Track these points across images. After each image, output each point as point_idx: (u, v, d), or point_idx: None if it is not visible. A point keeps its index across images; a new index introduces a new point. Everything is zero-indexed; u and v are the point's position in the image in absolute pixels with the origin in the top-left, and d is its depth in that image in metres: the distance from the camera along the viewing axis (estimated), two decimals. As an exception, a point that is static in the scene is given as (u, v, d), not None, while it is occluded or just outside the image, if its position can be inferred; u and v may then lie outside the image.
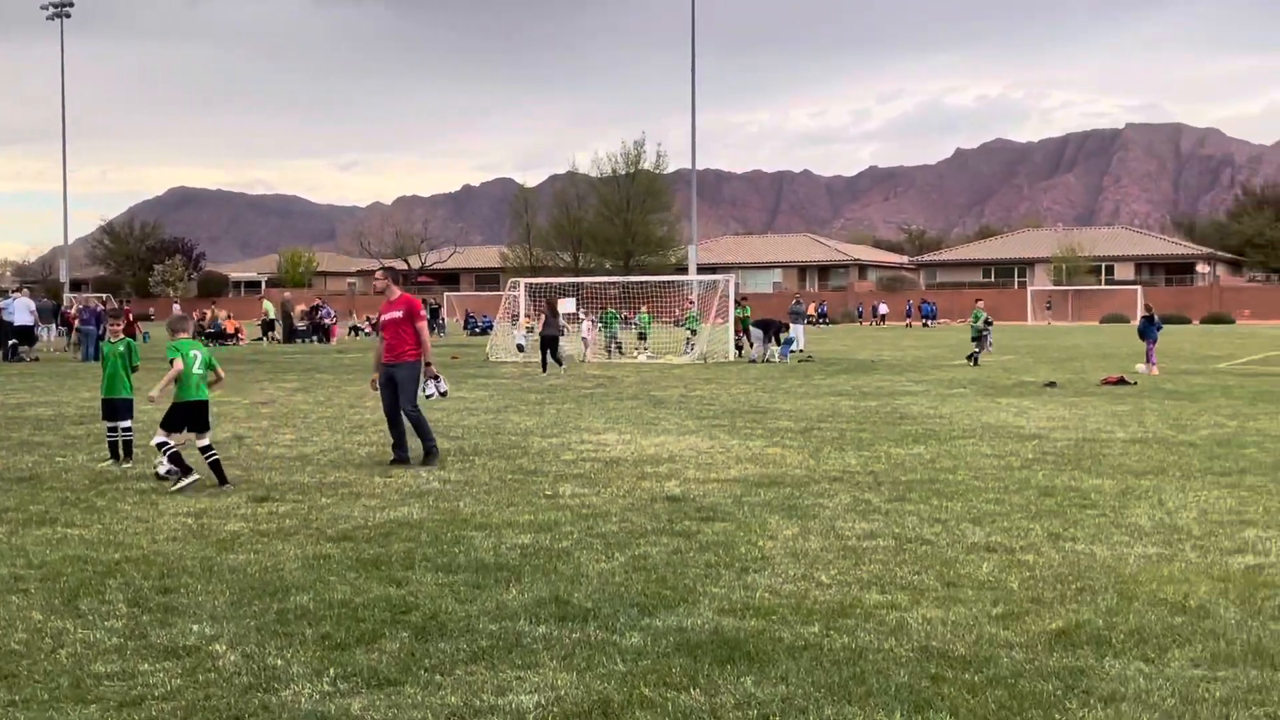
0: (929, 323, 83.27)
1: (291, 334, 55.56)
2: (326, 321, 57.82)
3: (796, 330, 41.12)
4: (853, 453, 14.77)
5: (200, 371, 12.35)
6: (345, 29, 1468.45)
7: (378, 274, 15.09)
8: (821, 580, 8.13)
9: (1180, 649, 6.57)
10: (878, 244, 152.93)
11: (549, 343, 32.19)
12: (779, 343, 36.60)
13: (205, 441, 12.35)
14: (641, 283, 54.31)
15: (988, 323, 34.28)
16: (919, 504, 11.02)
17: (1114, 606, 7.42)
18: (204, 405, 12.42)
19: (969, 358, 33.87)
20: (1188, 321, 79.60)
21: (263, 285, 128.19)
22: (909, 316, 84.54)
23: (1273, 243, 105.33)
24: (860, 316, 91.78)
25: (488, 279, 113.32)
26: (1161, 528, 9.87)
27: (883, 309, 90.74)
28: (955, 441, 15.88)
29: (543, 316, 33.88)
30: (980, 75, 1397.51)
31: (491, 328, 54.69)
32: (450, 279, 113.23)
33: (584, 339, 40.96)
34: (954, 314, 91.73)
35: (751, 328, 37.93)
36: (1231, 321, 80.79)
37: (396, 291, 14.29)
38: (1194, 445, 15.37)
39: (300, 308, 60.87)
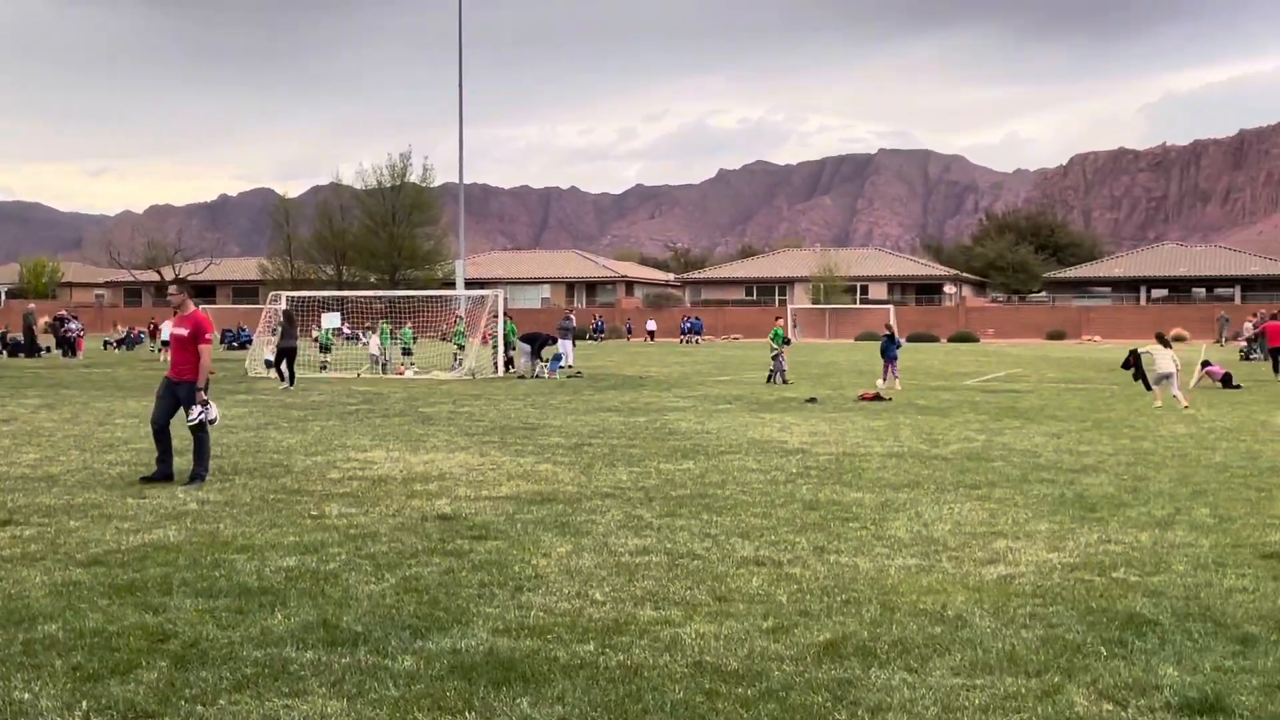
0: (697, 339, 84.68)
1: (34, 348, 52.92)
2: (72, 334, 55.24)
3: (565, 346, 41.23)
4: (624, 469, 14.85)
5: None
6: (98, 29, 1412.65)
7: (172, 289, 14.51)
8: (595, 598, 8.12)
9: (941, 658, 6.79)
10: (644, 261, 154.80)
11: (286, 355, 31.73)
12: (544, 358, 36.66)
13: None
14: (408, 297, 53.66)
15: (786, 341, 34.65)
16: (690, 519, 11.14)
17: (877, 618, 7.63)
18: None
19: (770, 377, 33.65)
20: (936, 340, 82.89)
21: (2, 296, 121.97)
22: (693, 334, 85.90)
23: (1013, 265, 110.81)
24: (630, 333, 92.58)
25: (246, 291, 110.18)
26: (919, 539, 10.21)
27: (651, 325, 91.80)
28: (723, 457, 16.14)
29: (279, 328, 33.32)
30: (743, 98, 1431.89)
31: (250, 341, 53.17)
32: (206, 291, 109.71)
33: (372, 355, 40.27)
34: (718, 330, 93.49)
35: (519, 343, 37.88)
36: (976, 340, 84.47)
37: (190, 308, 13.84)
38: (946, 459, 15.97)
39: (44, 320, 58.04)
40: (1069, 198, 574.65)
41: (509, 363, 38.67)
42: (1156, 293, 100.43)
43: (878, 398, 27.06)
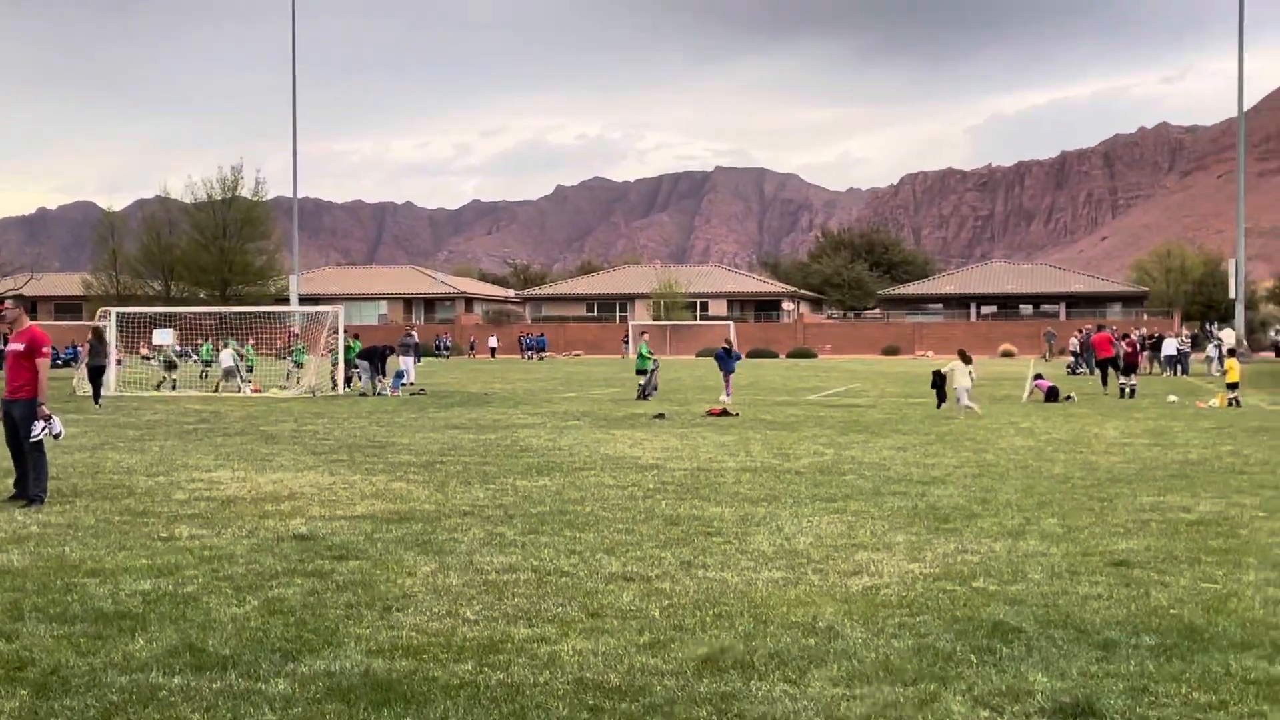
0: (540, 356, 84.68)
1: None
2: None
3: (407, 363, 40.80)
4: (479, 486, 14.72)
5: None
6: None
7: (8, 304, 13.92)
8: (467, 616, 8.01)
9: (818, 669, 6.85)
10: (483, 277, 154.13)
11: (95, 373, 31.01)
12: (385, 374, 36.23)
13: None
14: (242, 313, 52.48)
15: (650, 358, 34.54)
16: (553, 536, 11.08)
17: (751, 631, 7.67)
18: None
19: (642, 393, 33.77)
20: (775, 355, 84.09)
21: None
22: (536, 350, 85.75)
23: (849, 283, 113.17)
24: (474, 349, 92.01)
25: (69, 308, 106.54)
26: (783, 553, 10.31)
27: (493, 341, 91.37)
28: (578, 473, 16.11)
29: (88, 345, 32.52)
30: (580, 115, 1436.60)
31: (76, 358, 51.43)
32: (26, 309, 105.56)
33: (225, 370, 39.10)
34: (559, 347, 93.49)
35: (359, 361, 37.34)
36: (814, 356, 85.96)
37: (26, 322, 13.31)
38: (799, 473, 16.18)
39: None
40: (899, 216, 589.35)
41: (349, 380, 38.09)
42: (986, 309, 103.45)
43: (725, 413, 27.31)
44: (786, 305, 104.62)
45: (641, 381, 33.61)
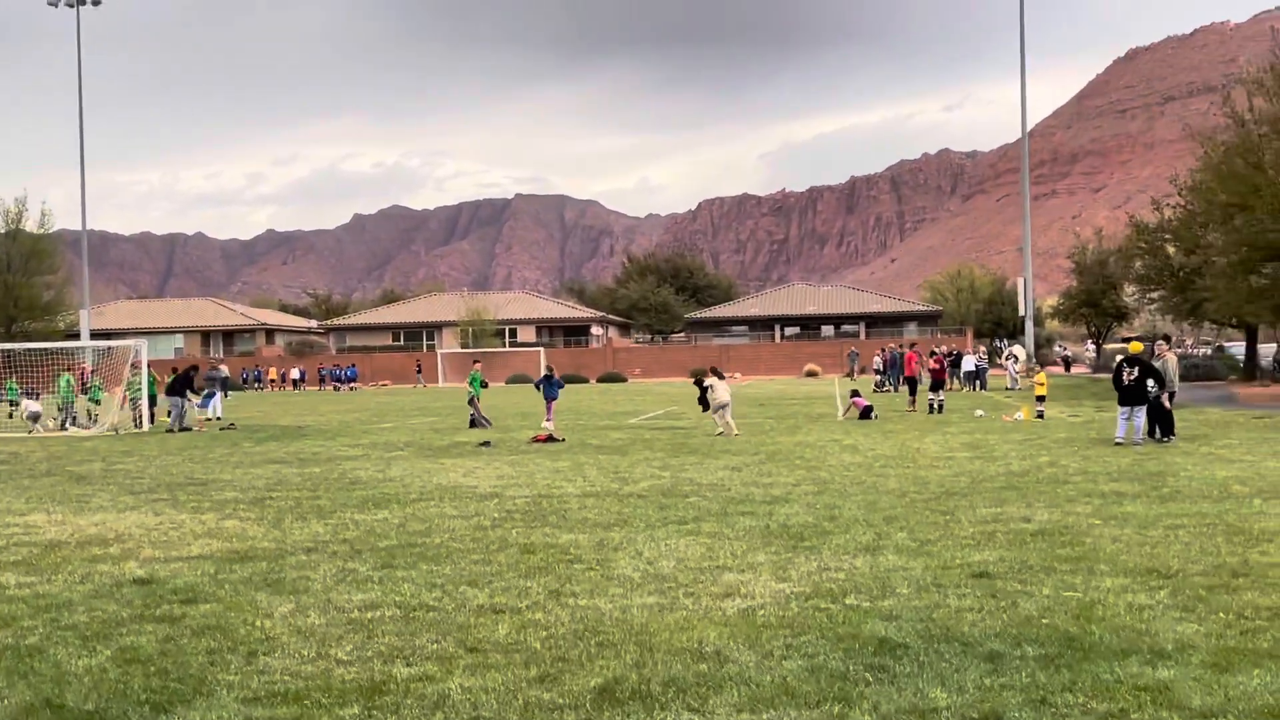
0: (353, 386, 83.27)
1: None
2: None
3: (214, 398, 39.62)
4: (317, 521, 14.22)
5: None
6: None
7: None
8: (340, 657, 7.65)
9: (718, 695, 6.71)
10: (284, 308, 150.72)
11: None
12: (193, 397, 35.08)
13: None
14: (39, 350, 50.10)
15: (483, 384, 33.96)
16: (408, 570, 10.73)
17: (639, 659, 7.50)
18: None
19: (473, 422, 33.06)
20: (586, 380, 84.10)
21: None
22: (346, 381, 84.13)
23: (656, 307, 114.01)
24: (283, 381, 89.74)
25: None
26: (649, 577, 10.17)
27: (295, 373, 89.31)
28: (417, 504, 15.71)
29: None
30: (377, 142, 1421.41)
31: None
32: None
33: (31, 413, 36.83)
34: (366, 377, 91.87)
35: (166, 397, 35.99)
36: (624, 380, 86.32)
37: None
38: (642, 496, 16.08)
39: None
40: (698, 241, 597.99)
41: (154, 417, 36.69)
42: (789, 330, 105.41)
43: (550, 439, 27.11)
44: (595, 330, 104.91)
45: (474, 412, 33.18)
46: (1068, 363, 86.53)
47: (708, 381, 29.14)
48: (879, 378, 57.97)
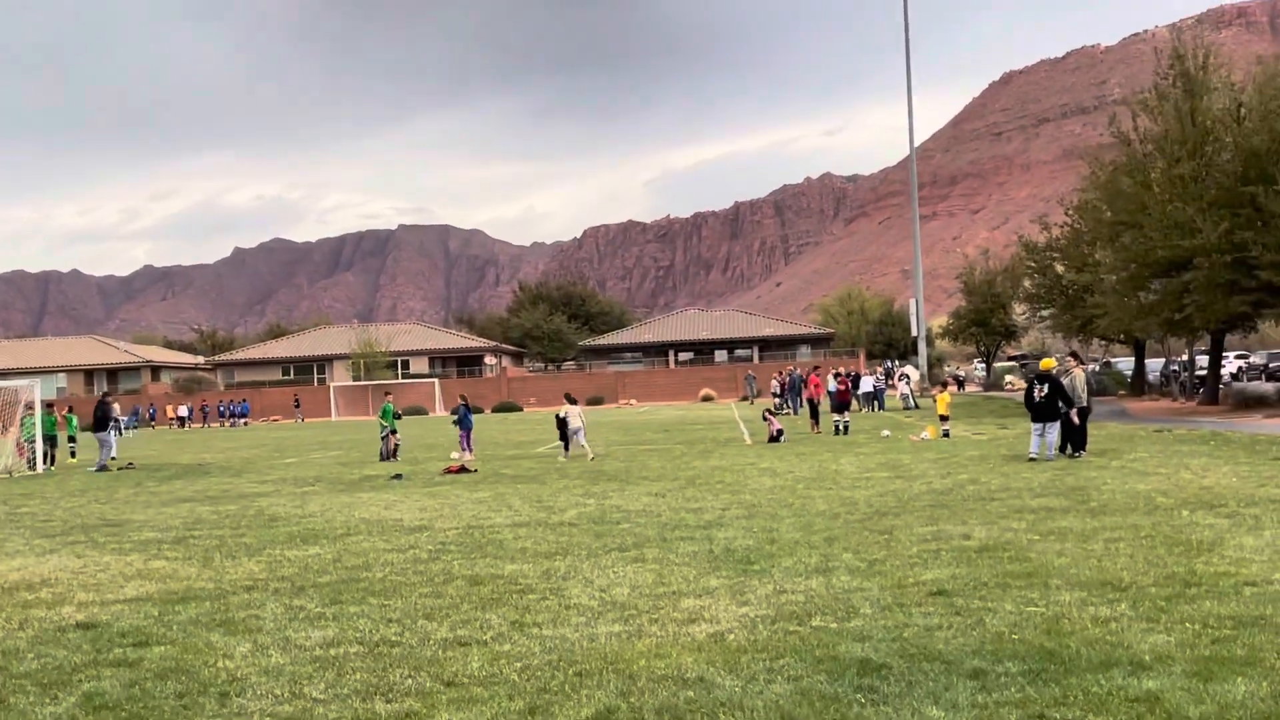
0: (245, 422, 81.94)
1: None
2: None
3: (108, 437, 38.65)
4: (247, 559, 13.89)
5: None
6: None
7: None
8: (316, 696, 7.47)
9: (714, 721, 6.66)
10: (169, 344, 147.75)
11: None
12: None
13: None
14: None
15: (397, 416, 33.52)
16: (358, 605, 10.52)
17: (624, 688, 7.41)
18: None
19: (383, 456, 32.67)
20: (481, 410, 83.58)
21: None
22: (238, 416, 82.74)
23: (549, 335, 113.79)
24: (189, 418, 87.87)
25: None
26: (607, 605, 10.08)
27: (182, 410, 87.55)
28: (346, 539, 15.43)
29: None
30: (257, 175, 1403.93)
31: None
32: None
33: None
34: (256, 413, 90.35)
35: (96, 434, 35.18)
36: (520, 409, 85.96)
37: None
38: (573, 525, 15.96)
39: None
40: (584, 269, 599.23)
41: (50, 457, 35.71)
42: (683, 355, 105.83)
43: (463, 469, 26.86)
44: (489, 360, 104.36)
45: (393, 442, 32.77)
46: (960, 382, 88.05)
47: (562, 411, 29.88)
48: (777, 401, 58.42)
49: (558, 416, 30.53)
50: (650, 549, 13.28)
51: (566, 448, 29.81)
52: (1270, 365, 59.08)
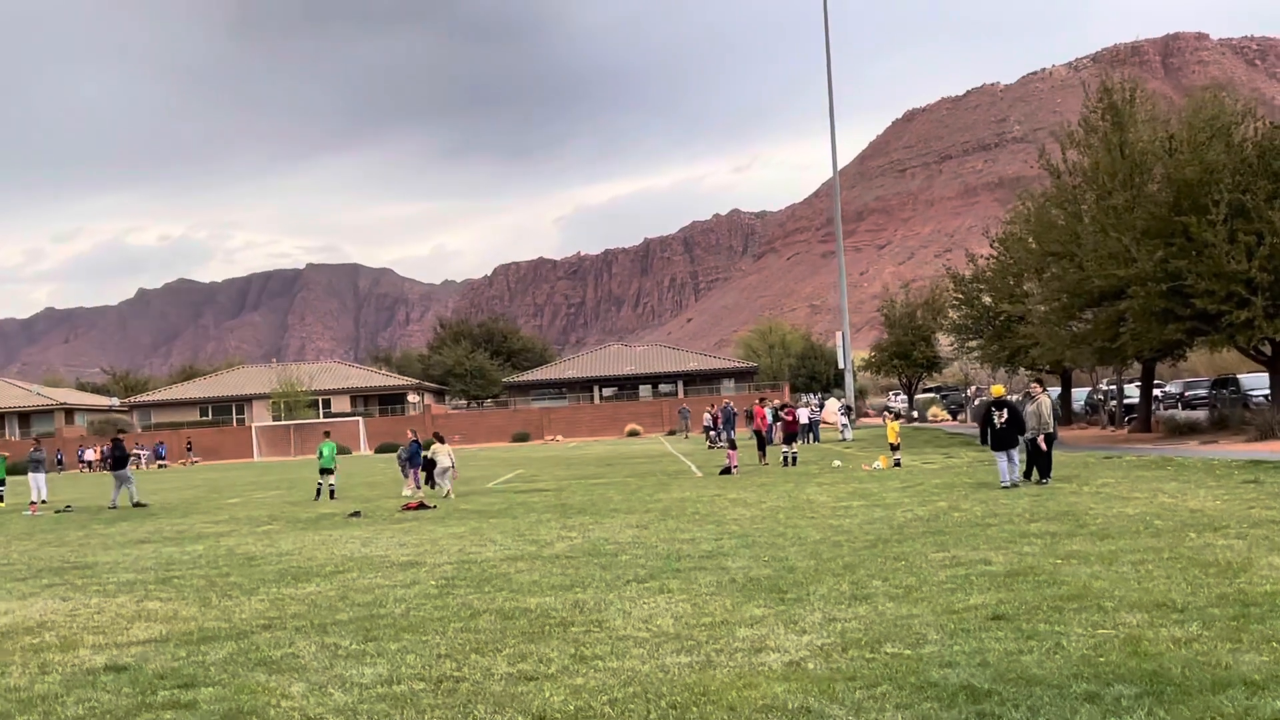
0: (163, 464, 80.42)
1: None
2: None
3: (38, 479, 37.61)
4: (247, 599, 13.42)
5: None
6: None
7: None
8: (409, 737, 7.11)
9: (847, 750, 6.42)
10: (82, 387, 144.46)
11: None
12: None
13: None
14: None
15: (339, 452, 32.94)
16: (394, 641, 10.14)
17: (731, 719, 7.15)
18: None
19: (318, 493, 32.07)
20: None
21: None
22: (157, 458, 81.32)
23: (471, 372, 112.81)
24: (61, 462, 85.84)
25: None
26: (661, 636, 9.80)
27: (89, 454, 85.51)
28: (340, 576, 14.98)
29: None
30: (162, 215, 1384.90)
31: None
32: None
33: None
34: (174, 455, 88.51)
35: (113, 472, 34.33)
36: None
37: None
38: (570, 558, 15.63)
39: None
40: (495, 306, 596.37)
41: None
42: (608, 391, 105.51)
43: (422, 505, 26.36)
44: (412, 398, 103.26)
45: (330, 481, 32.07)
46: (896, 414, 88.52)
47: (431, 450, 30.61)
48: (711, 434, 58.32)
49: (425, 458, 31.35)
50: (669, 580, 13.00)
51: (432, 485, 30.70)
52: (1186, 394, 60.07)
